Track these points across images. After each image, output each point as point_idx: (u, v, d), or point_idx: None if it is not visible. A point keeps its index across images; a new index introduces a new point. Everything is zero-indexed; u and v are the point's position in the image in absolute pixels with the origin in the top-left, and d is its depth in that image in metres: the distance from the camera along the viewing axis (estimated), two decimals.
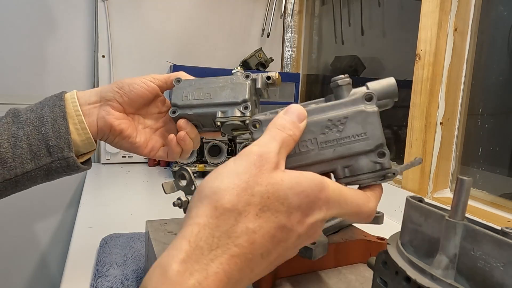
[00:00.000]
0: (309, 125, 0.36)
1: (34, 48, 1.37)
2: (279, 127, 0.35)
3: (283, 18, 1.62)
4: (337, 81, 0.38)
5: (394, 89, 0.38)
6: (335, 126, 0.36)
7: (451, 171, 0.90)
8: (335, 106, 0.37)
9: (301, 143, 0.36)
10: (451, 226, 0.32)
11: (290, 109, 0.36)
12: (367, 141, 0.35)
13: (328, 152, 0.36)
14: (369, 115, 0.35)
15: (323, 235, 0.59)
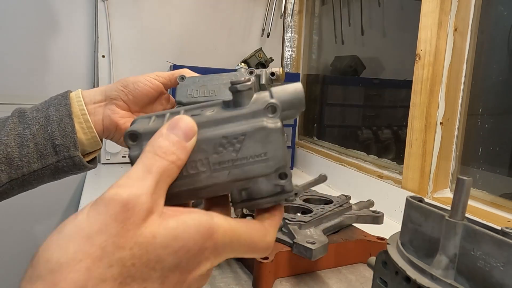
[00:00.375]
0: (200, 143, 0.29)
1: (34, 48, 1.37)
2: (159, 151, 0.27)
3: (283, 18, 1.62)
4: (236, 86, 0.31)
5: (301, 98, 0.33)
6: (230, 145, 0.30)
7: (451, 171, 0.90)
8: (232, 118, 0.30)
9: (190, 164, 0.29)
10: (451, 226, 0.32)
11: (178, 123, 0.28)
12: (267, 163, 0.30)
13: (222, 175, 0.30)
14: (271, 133, 0.30)
15: (323, 235, 0.59)
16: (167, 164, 0.27)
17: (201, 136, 0.30)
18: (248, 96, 0.31)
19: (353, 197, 0.75)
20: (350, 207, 0.70)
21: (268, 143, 0.30)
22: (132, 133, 0.30)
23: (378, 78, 1.50)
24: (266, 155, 0.30)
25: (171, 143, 0.28)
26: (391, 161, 1.12)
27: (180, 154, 0.28)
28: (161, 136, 0.28)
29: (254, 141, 0.30)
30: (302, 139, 1.61)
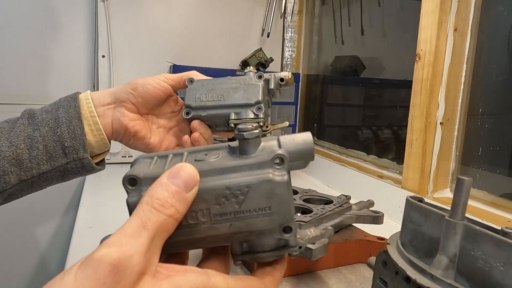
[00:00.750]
0: (201, 193, 0.28)
1: (34, 48, 1.37)
2: (157, 204, 0.25)
3: (283, 18, 1.62)
4: (243, 133, 0.29)
5: (311, 149, 0.31)
6: (233, 196, 0.28)
7: (451, 171, 0.90)
8: (236, 168, 0.29)
9: (190, 214, 0.28)
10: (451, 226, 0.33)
11: (179, 172, 0.27)
12: (271, 217, 0.28)
13: (223, 226, 0.28)
14: (277, 186, 0.28)
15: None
16: (164, 219, 0.25)
17: (203, 186, 0.28)
18: (255, 144, 0.30)
19: (353, 197, 0.74)
20: (350, 207, 0.70)
21: (273, 197, 0.28)
22: (132, 178, 0.29)
23: (378, 78, 1.50)
24: (271, 209, 0.28)
25: (170, 194, 0.26)
26: (391, 161, 1.12)
27: (179, 206, 0.26)
28: (160, 185, 0.26)
29: (258, 194, 0.28)
30: None
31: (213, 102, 0.55)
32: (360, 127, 1.45)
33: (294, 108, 1.45)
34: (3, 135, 0.50)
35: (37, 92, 1.39)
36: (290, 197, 0.29)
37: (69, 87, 1.43)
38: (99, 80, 1.40)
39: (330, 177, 1.28)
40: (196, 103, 0.56)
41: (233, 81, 0.56)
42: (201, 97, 0.56)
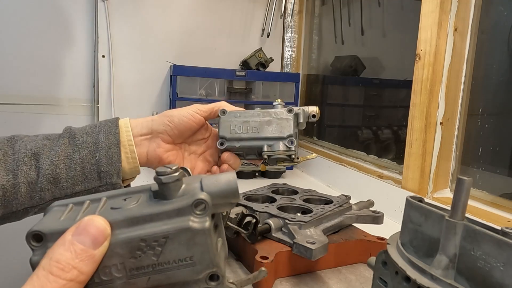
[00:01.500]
0: (113, 246, 0.26)
1: (34, 48, 1.37)
2: (55, 268, 0.23)
3: (283, 18, 1.62)
4: (161, 177, 0.28)
5: (234, 189, 0.29)
6: (150, 248, 0.26)
7: (451, 171, 0.90)
8: (153, 216, 0.26)
9: (102, 270, 0.26)
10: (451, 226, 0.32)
11: (86, 227, 0.25)
12: (193, 268, 0.26)
13: (141, 281, 0.26)
14: (197, 234, 0.26)
15: (323, 235, 0.59)
16: (63, 284, 0.23)
17: (115, 239, 0.26)
18: (175, 188, 0.28)
19: (353, 197, 0.74)
20: (350, 207, 0.70)
21: (193, 246, 0.26)
22: (35, 234, 0.26)
23: (378, 78, 1.50)
24: (192, 259, 0.26)
25: (73, 254, 0.24)
26: (391, 161, 1.12)
27: (84, 266, 0.24)
28: (62, 245, 0.24)
29: (177, 243, 0.26)
30: (302, 139, 1.61)
31: (247, 134, 0.59)
32: (360, 127, 1.45)
33: None
34: (44, 152, 0.52)
35: (37, 92, 1.39)
36: (212, 246, 0.27)
37: (69, 87, 1.43)
38: (99, 80, 1.40)
39: (330, 177, 1.28)
40: (230, 135, 0.60)
41: (265, 113, 0.60)
42: (236, 129, 0.60)
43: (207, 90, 1.37)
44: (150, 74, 1.46)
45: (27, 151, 0.52)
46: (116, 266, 0.26)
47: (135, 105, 1.45)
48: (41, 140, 0.54)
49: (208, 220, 0.27)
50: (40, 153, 0.52)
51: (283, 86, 1.43)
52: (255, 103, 1.40)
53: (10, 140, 0.54)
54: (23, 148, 0.52)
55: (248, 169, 1.27)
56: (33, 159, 0.51)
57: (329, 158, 1.32)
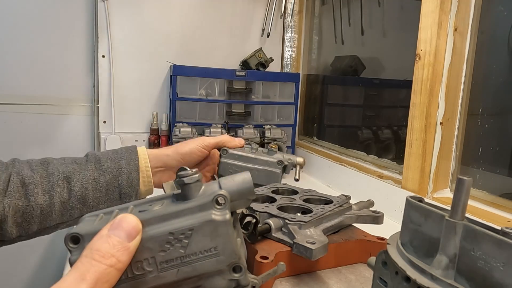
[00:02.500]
0: (145, 241, 0.28)
1: (34, 48, 1.37)
2: (97, 255, 0.26)
3: (283, 18, 1.62)
4: (183, 179, 0.31)
5: (250, 187, 0.32)
6: (178, 241, 0.28)
7: (451, 171, 0.90)
8: (178, 213, 0.29)
9: (135, 264, 0.28)
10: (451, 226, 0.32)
11: (120, 223, 0.27)
12: (218, 258, 0.29)
13: (171, 274, 0.28)
14: (219, 226, 0.29)
15: (323, 235, 0.59)
16: (104, 269, 0.25)
17: (146, 235, 0.28)
18: (196, 188, 0.31)
19: (353, 197, 0.74)
20: (350, 207, 0.70)
21: (217, 237, 0.29)
22: (73, 236, 0.28)
23: (378, 78, 1.50)
24: (217, 249, 0.29)
25: (111, 245, 0.26)
26: (391, 161, 1.12)
27: (121, 256, 0.26)
28: (100, 238, 0.27)
29: (202, 235, 0.29)
30: (302, 139, 1.61)
31: None
32: (360, 127, 1.45)
33: (294, 108, 1.45)
34: (75, 176, 0.59)
35: (38, 92, 1.39)
36: (234, 237, 0.29)
37: (69, 87, 1.43)
38: (99, 80, 1.40)
39: (330, 177, 1.28)
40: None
41: (259, 162, 0.72)
42: (232, 172, 0.69)
43: (207, 90, 1.37)
44: (150, 74, 1.46)
45: (60, 174, 0.59)
46: (148, 261, 0.28)
47: (135, 105, 1.45)
48: (70, 163, 0.61)
49: (228, 213, 0.29)
50: (71, 176, 0.59)
51: (283, 86, 1.43)
52: (255, 103, 1.40)
53: (43, 163, 0.60)
54: (56, 171, 0.59)
55: None
56: (65, 181, 0.59)
57: (329, 158, 1.32)
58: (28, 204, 0.55)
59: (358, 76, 1.51)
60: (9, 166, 0.58)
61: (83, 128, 1.45)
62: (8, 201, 0.54)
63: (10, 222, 0.55)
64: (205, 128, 1.33)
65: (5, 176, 0.55)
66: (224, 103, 1.39)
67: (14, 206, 0.54)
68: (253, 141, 1.29)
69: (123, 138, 1.42)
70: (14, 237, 0.56)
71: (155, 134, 1.42)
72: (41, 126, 1.39)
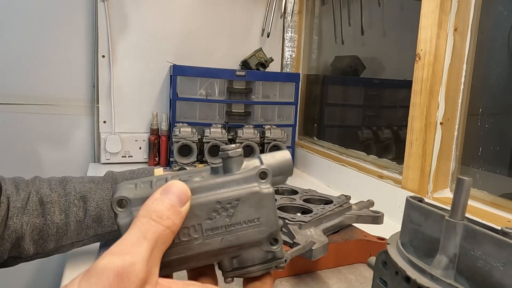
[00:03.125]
0: (193, 208, 0.29)
1: (34, 48, 1.37)
2: (154, 216, 0.26)
3: (283, 18, 1.62)
4: (227, 152, 0.31)
5: (290, 164, 0.34)
6: (224, 210, 0.29)
7: (451, 171, 0.90)
8: (224, 183, 0.30)
9: (182, 231, 0.28)
10: (451, 226, 0.33)
11: (171, 188, 0.28)
12: (260, 228, 0.30)
13: (215, 241, 0.29)
14: (264, 198, 0.30)
15: (323, 235, 0.59)
16: (163, 230, 0.26)
17: (194, 202, 0.29)
18: (238, 162, 0.32)
19: (353, 197, 0.74)
20: (350, 207, 0.70)
21: (261, 208, 0.30)
22: (121, 199, 0.29)
23: (378, 78, 1.50)
24: (260, 220, 0.30)
25: (165, 207, 0.27)
26: (391, 161, 1.12)
27: (175, 219, 0.27)
28: (155, 200, 0.27)
29: (247, 206, 0.30)
30: (302, 139, 1.61)
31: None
32: (360, 127, 1.45)
33: (294, 108, 1.45)
34: (91, 195, 0.60)
35: (37, 92, 1.39)
36: (275, 209, 0.30)
37: (69, 87, 1.43)
38: (99, 80, 1.40)
39: (330, 177, 1.28)
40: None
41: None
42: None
43: (207, 90, 1.37)
44: (150, 74, 1.46)
45: (76, 194, 0.59)
46: (194, 227, 0.29)
47: (135, 105, 1.45)
48: (88, 183, 0.61)
49: (271, 187, 0.31)
50: (87, 196, 0.59)
51: (283, 86, 1.43)
52: (255, 103, 1.40)
53: (62, 181, 0.61)
54: (73, 190, 0.60)
55: None
56: (81, 201, 0.59)
57: (329, 158, 1.32)
58: (45, 222, 0.57)
59: (358, 76, 1.51)
60: (29, 184, 0.59)
61: (83, 128, 1.45)
62: (26, 219, 0.55)
63: (28, 239, 0.56)
64: (205, 128, 1.33)
65: (25, 194, 0.57)
66: (224, 103, 1.39)
67: (32, 224, 0.56)
68: (253, 141, 1.29)
69: (123, 138, 1.42)
70: (31, 254, 0.57)
71: (155, 134, 1.42)
72: (41, 126, 1.39)
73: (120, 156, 1.41)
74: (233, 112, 1.40)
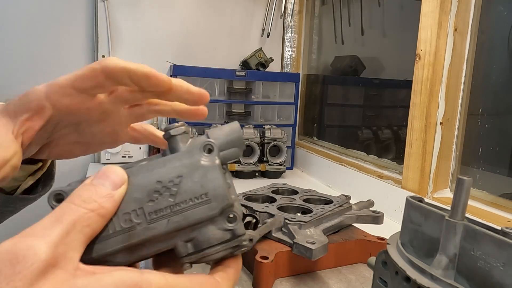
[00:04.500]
0: (131, 191, 0.27)
1: (34, 48, 1.37)
2: (77, 200, 0.24)
3: (283, 18, 1.62)
4: (169, 131, 0.30)
5: (238, 136, 0.32)
6: (166, 189, 0.27)
7: (451, 171, 0.90)
8: (166, 162, 0.28)
9: (123, 217, 0.26)
10: (451, 226, 0.33)
11: (105, 173, 0.26)
12: (209, 204, 0.27)
13: (161, 224, 0.27)
14: (208, 170, 0.28)
15: (323, 235, 0.59)
16: (85, 213, 0.24)
17: (132, 184, 0.27)
18: (183, 140, 0.30)
19: (353, 197, 0.74)
20: (350, 207, 0.70)
21: (207, 182, 0.28)
22: (57, 193, 0.27)
23: (378, 78, 1.50)
24: (207, 196, 0.27)
25: (94, 192, 0.25)
26: (391, 161, 1.12)
27: (104, 202, 0.25)
28: (83, 186, 0.25)
29: (191, 182, 0.27)
30: (302, 139, 1.61)
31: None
32: (360, 127, 1.45)
33: (294, 108, 1.45)
34: None
35: None
36: (224, 182, 0.28)
37: None
38: None
39: (330, 177, 1.28)
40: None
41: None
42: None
43: (207, 90, 1.37)
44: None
45: None
46: (136, 212, 0.27)
47: None
48: None
49: (217, 159, 0.28)
50: None
51: (283, 86, 1.43)
52: (255, 103, 1.40)
53: None
54: None
55: (248, 169, 1.27)
56: None
57: (329, 158, 1.32)
58: None
59: (358, 76, 1.51)
60: None
61: None
62: None
63: None
64: (205, 128, 1.33)
65: None
66: (224, 103, 1.39)
67: None
68: (253, 141, 1.29)
69: None
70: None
71: None
72: None
73: (120, 156, 1.41)
74: (233, 112, 1.40)
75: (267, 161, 1.29)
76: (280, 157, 1.30)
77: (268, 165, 1.29)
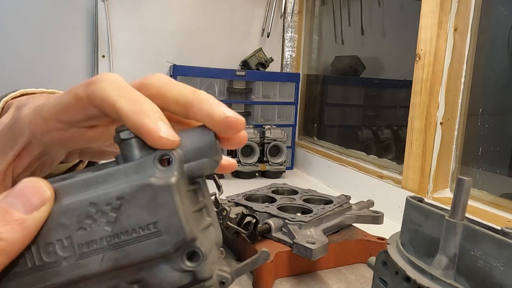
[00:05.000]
0: (57, 215, 0.20)
1: (34, 48, 1.37)
2: None
3: (283, 18, 1.62)
4: (120, 133, 0.22)
5: (210, 141, 0.23)
6: (102, 215, 0.20)
7: (451, 171, 0.90)
8: (108, 176, 0.21)
9: (45, 248, 0.20)
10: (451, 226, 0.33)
11: (20, 189, 0.20)
12: (158, 238, 0.20)
13: (93, 261, 0.20)
14: (160, 192, 0.20)
15: (323, 235, 0.59)
16: None
17: (61, 205, 0.20)
18: (139, 146, 0.22)
19: (353, 197, 0.75)
20: (350, 207, 0.70)
21: (158, 208, 0.20)
22: None
23: (378, 78, 1.50)
24: (157, 226, 0.20)
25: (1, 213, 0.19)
26: (391, 161, 1.12)
27: (8, 232, 0.19)
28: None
29: (135, 206, 0.20)
30: (302, 139, 1.61)
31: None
32: (360, 127, 1.45)
33: (294, 108, 1.45)
34: None
35: None
36: (182, 208, 0.20)
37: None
38: None
39: (330, 177, 1.28)
40: None
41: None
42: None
43: (207, 90, 1.37)
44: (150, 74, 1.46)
45: None
46: (62, 242, 0.20)
47: None
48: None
49: (175, 176, 0.21)
50: None
51: (283, 86, 1.43)
52: (255, 103, 1.40)
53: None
54: None
55: (248, 169, 1.27)
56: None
57: (329, 158, 1.32)
58: None
59: (358, 76, 1.51)
60: None
61: None
62: None
63: None
64: None
65: None
66: (224, 103, 1.39)
67: None
68: (253, 141, 1.29)
69: None
70: None
71: None
72: None
73: None
74: None
75: (267, 161, 1.29)
76: (280, 157, 1.30)
77: (268, 165, 1.29)
